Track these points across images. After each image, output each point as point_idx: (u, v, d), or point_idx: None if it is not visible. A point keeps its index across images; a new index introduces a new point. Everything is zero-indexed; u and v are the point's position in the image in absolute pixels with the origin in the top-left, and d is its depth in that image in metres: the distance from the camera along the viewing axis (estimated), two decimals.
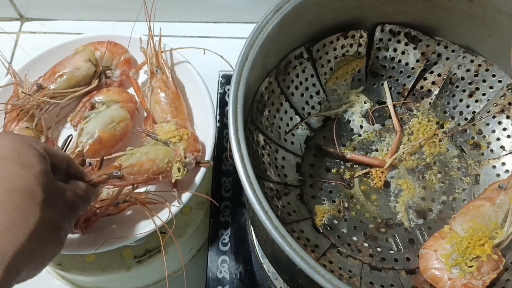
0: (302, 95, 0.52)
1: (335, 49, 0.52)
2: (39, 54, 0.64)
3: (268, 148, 0.48)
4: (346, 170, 0.51)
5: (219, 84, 0.70)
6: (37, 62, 0.64)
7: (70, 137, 0.54)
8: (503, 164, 0.50)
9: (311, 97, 0.53)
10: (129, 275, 0.62)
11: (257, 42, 0.43)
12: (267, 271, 0.57)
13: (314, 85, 0.53)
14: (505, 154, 0.50)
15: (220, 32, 0.82)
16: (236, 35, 0.81)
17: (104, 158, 0.52)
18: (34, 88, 0.60)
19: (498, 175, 0.50)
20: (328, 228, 0.48)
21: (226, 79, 0.70)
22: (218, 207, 0.62)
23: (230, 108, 0.38)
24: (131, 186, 0.52)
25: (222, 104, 0.69)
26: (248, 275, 0.57)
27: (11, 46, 0.82)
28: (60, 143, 0.62)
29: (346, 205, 0.49)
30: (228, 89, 0.69)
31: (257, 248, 0.58)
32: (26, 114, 0.59)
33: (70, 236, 0.54)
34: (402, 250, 0.47)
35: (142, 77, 0.65)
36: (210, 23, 0.83)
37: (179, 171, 0.54)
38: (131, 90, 0.64)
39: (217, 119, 0.66)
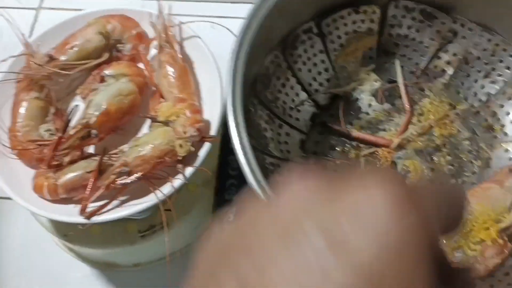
0: (309, 71, 0.51)
1: (346, 24, 0.51)
2: (52, 27, 0.65)
3: (271, 123, 0.47)
4: (352, 149, 0.50)
5: None
6: (50, 34, 0.64)
7: (76, 106, 0.54)
8: None
9: (319, 73, 0.52)
10: (133, 249, 0.62)
11: (262, 12, 0.42)
12: None
13: (322, 61, 0.52)
14: None
15: (235, 12, 0.81)
16: None
17: (110, 153, 0.54)
18: (45, 59, 0.60)
19: (511, 159, 0.47)
20: None
21: None
22: (224, 184, 0.61)
23: (228, 79, 0.38)
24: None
25: None
26: None
27: (31, 22, 0.83)
28: None
29: None
30: None
31: None
32: (36, 84, 0.60)
33: (72, 205, 0.55)
34: None
35: (153, 52, 0.64)
36: (226, 3, 0.82)
37: (181, 147, 0.53)
38: (142, 65, 0.64)
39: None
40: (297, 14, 0.47)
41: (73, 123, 0.57)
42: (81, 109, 0.60)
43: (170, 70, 0.60)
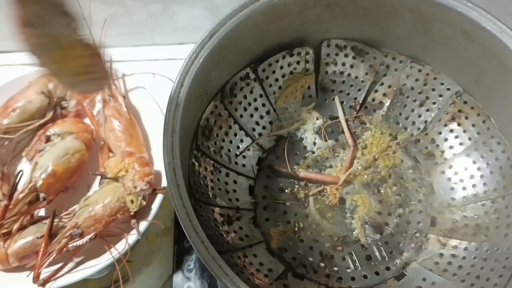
0: (251, 116, 0.52)
1: (281, 67, 0.52)
2: None
3: (218, 172, 0.47)
4: (300, 189, 0.50)
5: None
6: None
7: (21, 172, 0.53)
8: (450, 167, 0.50)
9: (261, 117, 0.52)
10: None
11: (193, 68, 0.42)
12: None
13: (263, 105, 0.52)
14: (450, 158, 0.50)
15: (185, 53, 0.81)
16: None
17: (61, 214, 0.53)
18: None
19: (450, 179, 0.49)
20: (283, 250, 0.47)
21: None
22: (183, 232, 0.60)
23: (164, 138, 0.38)
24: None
25: None
26: None
27: None
28: None
29: (302, 225, 0.48)
30: None
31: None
32: None
33: (26, 272, 0.53)
34: (359, 268, 0.46)
35: (98, 106, 0.64)
36: (174, 44, 0.83)
37: (132, 202, 0.53)
38: (88, 120, 0.64)
39: None
40: (232, 63, 0.48)
41: (20, 187, 0.55)
42: (28, 172, 0.59)
43: (116, 123, 0.60)
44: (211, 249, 0.34)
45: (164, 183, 0.57)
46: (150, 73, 0.62)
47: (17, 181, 0.53)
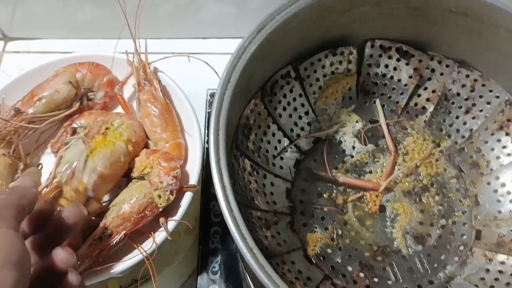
0: (290, 116, 0.50)
1: (323, 66, 0.50)
2: (18, 76, 0.62)
3: (255, 174, 0.45)
4: (339, 194, 0.48)
5: (207, 103, 0.68)
6: (16, 85, 0.61)
7: (40, 165, 0.51)
8: (497, 178, 0.47)
9: (300, 117, 0.50)
10: None
11: (240, 63, 0.40)
12: None
13: (302, 105, 0.50)
14: (497, 169, 0.48)
15: (208, 47, 0.79)
16: (225, 51, 0.78)
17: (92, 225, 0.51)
18: (11, 113, 0.57)
19: (496, 190, 0.47)
20: (321, 258, 0.45)
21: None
22: (208, 232, 0.59)
23: (211, 136, 0.36)
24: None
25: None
26: None
27: None
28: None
29: (340, 232, 0.46)
30: None
31: (248, 278, 0.55)
32: (3, 140, 0.56)
33: None
34: (401, 280, 0.44)
35: (126, 94, 0.62)
36: (198, 39, 0.81)
37: (160, 197, 0.52)
38: (115, 111, 0.62)
39: (205, 139, 0.64)
40: (275, 60, 0.46)
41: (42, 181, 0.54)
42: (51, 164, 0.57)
43: (152, 108, 0.57)
44: (261, 257, 0.32)
45: (192, 181, 0.55)
46: (186, 55, 0.60)
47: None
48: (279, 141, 0.49)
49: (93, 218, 0.52)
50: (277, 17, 0.42)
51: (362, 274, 0.44)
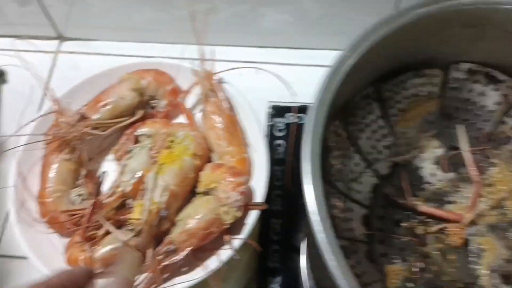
0: (368, 138, 0.48)
1: (405, 88, 0.48)
2: (81, 81, 0.61)
3: (335, 198, 0.43)
4: (419, 224, 0.46)
5: (269, 116, 0.66)
6: (79, 89, 0.61)
7: (104, 173, 0.50)
8: None
9: (378, 140, 0.48)
10: None
11: (332, 81, 0.38)
12: None
13: (381, 127, 0.48)
14: None
15: (265, 57, 0.77)
16: (291, 61, 0.75)
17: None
18: (76, 118, 0.57)
19: None
20: None
21: (277, 111, 0.66)
22: (267, 250, 0.57)
23: (306, 164, 0.34)
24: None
25: (271, 137, 0.64)
26: None
27: (49, 66, 0.79)
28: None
29: (421, 265, 0.44)
30: (277, 122, 0.66)
31: None
32: (67, 146, 0.56)
33: None
34: None
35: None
36: (253, 47, 0.79)
37: (227, 214, 0.50)
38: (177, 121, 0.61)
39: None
40: (359, 80, 0.44)
41: (104, 189, 0.53)
42: (113, 172, 0.56)
43: (217, 120, 0.56)
44: None
45: (258, 198, 0.53)
46: (254, 67, 0.58)
47: (101, 182, 0.50)
48: (356, 164, 0.47)
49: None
50: (380, 30, 0.39)
51: None
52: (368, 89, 0.46)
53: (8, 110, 0.73)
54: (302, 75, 0.70)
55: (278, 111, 0.66)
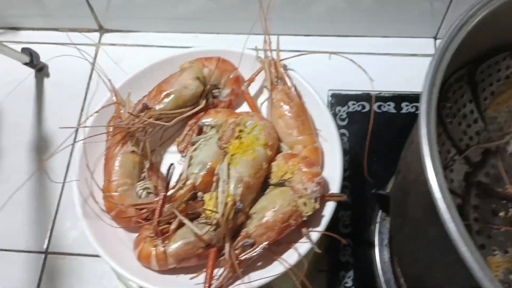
0: (459, 124, 0.45)
1: (499, 70, 0.45)
2: (139, 71, 0.59)
3: None
4: None
5: (329, 105, 0.63)
6: (137, 79, 0.59)
7: (172, 166, 0.48)
8: None
9: (469, 126, 0.46)
10: None
11: (439, 66, 0.36)
12: None
13: (472, 112, 0.46)
14: None
15: (297, 46, 0.73)
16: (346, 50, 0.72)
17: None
18: (139, 108, 0.54)
19: None
20: (506, 285, 0.40)
21: (337, 100, 0.63)
22: (337, 244, 0.55)
23: (425, 149, 0.31)
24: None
25: None
26: None
27: (90, 58, 0.77)
28: (162, 168, 0.57)
29: None
30: (339, 111, 0.63)
31: None
32: (131, 137, 0.54)
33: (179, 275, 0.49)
34: None
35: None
36: (285, 35, 0.75)
37: (305, 205, 0.48)
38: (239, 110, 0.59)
39: None
40: (455, 62, 0.41)
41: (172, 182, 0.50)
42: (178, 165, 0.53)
43: (286, 109, 0.54)
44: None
45: (334, 189, 0.51)
46: (328, 52, 0.55)
47: (170, 175, 0.48)
48: (448, 151, 0.44)
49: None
50: (479, 11, 0.37)
51: None
52: (462, 71, 0.43)
53: (51, 105, 0.71)
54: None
55: (339, 99, 0.64)
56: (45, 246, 0.61)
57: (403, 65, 0.70)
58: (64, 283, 0.59)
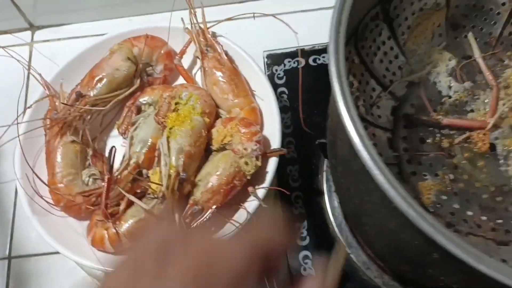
0: (381, 61, 0.46)
1: (412, 3, 0.46)
2: (69, 61, 0.58)
3: None
4: (443, 138, 0.45)
5: (265, 66, 0.64)
6: (68, 69, 0.58)
7: (113, 148, 0.48)
8: None
9: (390, 62, 0.47)
10: None
11: (343, 5, 0.36)
12: (356, 261, 0.52)
13: (391, 48, 0.47)
14: None
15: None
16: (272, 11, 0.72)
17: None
18: (73, 97, 0.54)
19: None
20: (438, 205, 0.42)
21: (272, 60, 0.64)
22: (289, 197, 0.56)
23: (336, 86, 0.32)
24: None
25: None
26: None
27: (26, 58, 0.75)
28: (106, 154, 0.57)
29: (452, 177, 0.43)
30: (276, 70, 0.64)
31: (343, 239, 0.52)
32: (69, 128, 0.53)
33: None
34: None
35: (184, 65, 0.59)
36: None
37: (247, 165, 0.49)
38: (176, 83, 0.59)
39: None
40: (366, 0, 0.42)
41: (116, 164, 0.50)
42: (120, 146, 0.54)
43: (219, 75, 0.54)
44: (417, 206, 0.29)
45: (275, 145, 0.52)
46: (251, 13, 0.56)
47: (112, 158, 0.48)
48: (373, 89, 0.46)
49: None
50: None
51: (484, 217, 0.42)
52: (376, 9, 0.44)
53: None
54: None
55: (275, 59, 0.64)
56: (7, 252, 0.60)
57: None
58: (33, 285, 0.59)
